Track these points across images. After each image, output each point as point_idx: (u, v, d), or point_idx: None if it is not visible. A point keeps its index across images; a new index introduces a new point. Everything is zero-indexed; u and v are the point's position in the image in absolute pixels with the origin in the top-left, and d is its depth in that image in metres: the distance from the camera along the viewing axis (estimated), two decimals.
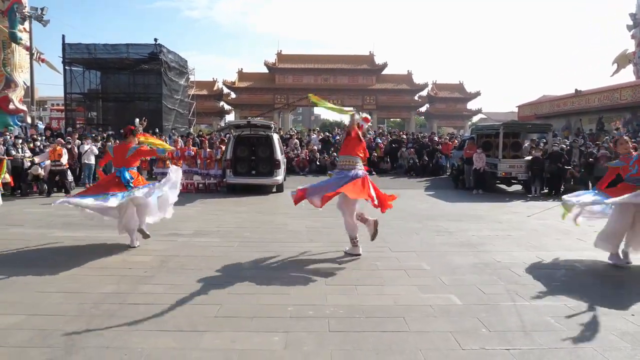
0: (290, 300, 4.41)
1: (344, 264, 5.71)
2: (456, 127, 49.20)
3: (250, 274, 5.25)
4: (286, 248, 6.53)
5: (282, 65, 47.60)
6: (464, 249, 6.63)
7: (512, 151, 14.76)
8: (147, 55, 24.82)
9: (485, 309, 4.25)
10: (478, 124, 25.43)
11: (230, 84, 47.00)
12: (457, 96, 49.94)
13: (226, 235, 7.44)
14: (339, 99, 48.39)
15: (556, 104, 31.10)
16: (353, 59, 49.16)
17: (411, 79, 49.05)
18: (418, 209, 10.33)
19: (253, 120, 14.46)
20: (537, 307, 4.28)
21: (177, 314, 4.06)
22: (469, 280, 5.10)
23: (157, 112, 25.21)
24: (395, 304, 4.36)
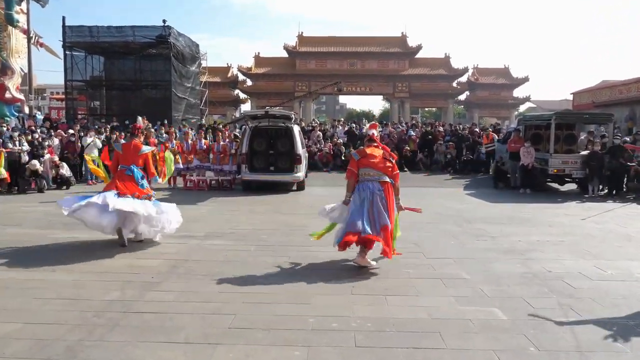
0: (311, 311, 4.41)
1: (372, 272, 5.69)
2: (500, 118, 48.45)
3: (268, 281, 5.28)
4: (307, 253, 6.54)
5: (304, 49, 47.69)
6: (509, 256, 6.52)
7: (566, 145, 14.44)
8: (154, 39, 25.18)
9: (533, 325, 4.17)
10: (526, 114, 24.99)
11: (246, 70, 47.35)
12: (502, 82, 49.17)
13: (241, 238, 7.50)
14: (367, 85, 48.38)
15: (618, 90, 30.28)
16: (383, 41, 48.89)
17: (449, 63, 48.50)
18: (456, 210, 10.22)
19: (271, 110, 14.51)
20: (594, 325, 4.18)
21: (187, 325, 4.11)
22: (515, 291, 5.02)
23: (166, 101, 25.59)
24: (430, 317, 4.32)
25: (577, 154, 13.75)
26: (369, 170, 6.04)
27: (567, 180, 14.23)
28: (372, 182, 5.95)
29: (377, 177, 6.00)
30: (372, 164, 6.05)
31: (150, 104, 26.71)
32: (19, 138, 13.82)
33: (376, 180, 5.96)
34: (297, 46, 47.89)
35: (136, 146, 7.29)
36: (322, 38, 49.45)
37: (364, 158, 6.13)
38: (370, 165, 6.06)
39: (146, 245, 6.87)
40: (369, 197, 5.87)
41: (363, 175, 6.07)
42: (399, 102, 49.67)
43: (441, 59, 48.89)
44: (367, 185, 5.95)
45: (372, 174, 6.01)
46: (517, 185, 14.11)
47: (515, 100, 50.14)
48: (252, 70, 47.56)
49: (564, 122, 14.40)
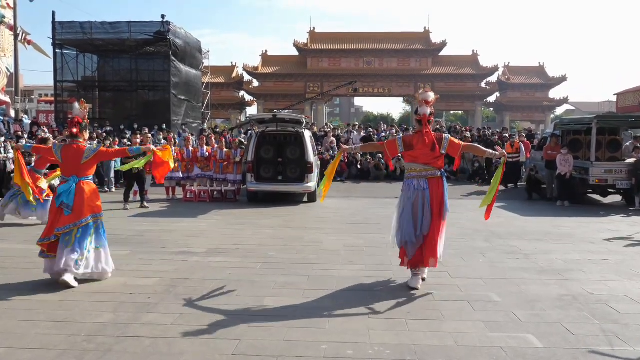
0: (324, 337, 4.41)
1: (391, 293, 5.67)
2: (534, 122, 48.30)
3: (276, 303, 5.29)
4: (320, 271, 6.55)
5: (316, 46, 47.99)
6: (545, 276, 6.46)
7: (609, 152, 14.31)
8: (152, 36, 25.47)
9: (573, 354, 4.12)
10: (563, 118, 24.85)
11: (252, 70, 47.72)
12: (536, 82, 49.03)
13: (247, 254, 7.53)
14: (386, 86, 48.50)
15: None
16: (403, 37, 49.05)
17: (477, 61, 48.49)
18: (485, 224, 10.14)
19: (280, 113, 14.58)
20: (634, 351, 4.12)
21: (187, 350, 4.13)
22: (552, 316, 4.97)
23: (165, 104, 25.85)
24: (456, 344, 4.30)
25: (622, 162, 13.62)
26: (414, 165, 5.83)
27: (610, 192, 14.07)
28: (418, 179, 5.77)
29: (425, 172, 5.77)
30: (418, 157, 5.79)
31: (147, 107, 27.02)
32: (4, 144, 14.02)
33: (423, 176, 5.76)
34: (308, 43, 48.20)
35: (78, 150, 6.08)
36: (336, 34, 49.74)
37: (409, 151, 5.85)
38: (416, 159, 5.81)
39: (141, 263, 6.92)
40: (411, 197, 5.75)
41: (408, 171, 5.90)
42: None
43: (468, 56, 48.90)
44: (413, 182, 5.79)
45: (419, 170, 5.79)
46: (554, 197, 14.00)
47: (551, 102, 49.91)
48: (259, 70, 47.91)
49: (606, 126, 14.28)
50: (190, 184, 14.18)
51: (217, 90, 44.29)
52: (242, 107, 51.14)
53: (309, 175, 13.07)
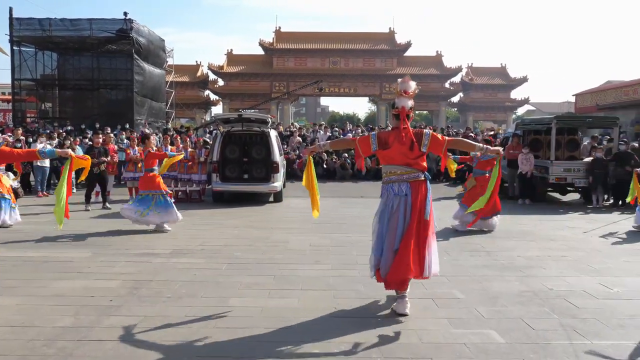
0: (290, 336, 4.41)
1: (357, 292, 5.71)
2: (497, 121, 49.25)
3: (243, 303, 5.26)
4: (286, 271, 6.54)
5: (282, 46, 47.92)
6: (507, 273, 6.60)
7: (568, 151, 14.71)
8: (114, 33, 25.07)
9: (533, 348, 4.22)
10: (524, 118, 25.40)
11: (217, 69, 47.36)
12: (499, 83, 50.04)
13: (212, 255, 7.47)
14: (352, 86, 48.73)
15: (624, 91, 31.00)
16: (369, 37, 49.41)
17: (441, 61, 49.19)
18: (447, 222, 10.30)
19: (245, 113, 14.52)
20: (600, 348, 4.25)
21: (150, 353, 4.07)
22: (513, 312, 5.07)
23: (127, 103, 25.46)
24: (420, 341, 4.35)
25: (580, 161, 14.01)
26: (393, 167, 5.06)
27: (569, 190, 14.47)
28: (398, 183, 5.00)
29: (406, 175, 5.01)
30: (395, 157, 5.03)
31: (109, 106, 26.56)
32: None
33: (404, 180, 4.99)
34: (274, 42, 48.10)
35: None
36: (302, 34, 49.76)
37: (385, 150, 5.07)
38: (393, 160, 5.05)
39: (104, 266, 6.79)
40: (393, 206, 4.98)
41: (387, 174, 5.12)
42: (387, 105, 50.01)
43: (432, 57, 49.57)
44: (392, 187, 5.03)
45: (399, 172, 5.02)
46: (516, 195, 14.30)
47: (513, 103, 51.04)
48: (224, 69, 47.58)
49: (565, 126, 14.69)
50: None
51: (181, 89, 43.83)
52: (207, 107, 50.71)
53: (275, 175, 13.06)
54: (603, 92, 33.84)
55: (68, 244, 8.08)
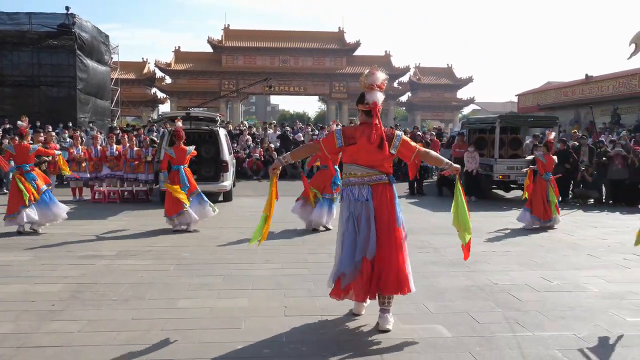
0: (240, 337, 4.37)
1: (308, 290, 5.71)
2: (444, 120, 50.32)
3: (191, 305, 5.18)
4: (235, 271, 6.49)
5: (231, 44, 47.48)
6: (454, 268, 6.75)
7: (511, 149, 15.17)
8: (55, 28, 24.26)
9: (479, 341, 4.33)
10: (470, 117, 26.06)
11: (164, 66, 46.51)
12: (445, 82, 51.13)
13: (159, 256, 7.33)
14: (302, 85, 48.77)
15: (563, 92, 32.27)
16: (318, 36, 49.57)
17: (389, 61, 49.84)
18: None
19: (194, 111, 14.32)
20: (541, 339, 4.40)
21: (95, 359, 3.95)
22: (460, 306, 5.19)
23: (70, 101, 24.67)
24: (370, 338, 4.39)
25: (523, 159, 14.47)
26: (354, 167, 4.55)
27: (512, 187, 14.93)
28: (359, 186, 4.53)
29: (368, 177, 4.53)
30: (361, 156, 4.51)
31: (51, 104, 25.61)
32: None
33: (365, 183, 4.52)
34: (222, 40, 47.61)
35: None
36: (251, 32, 49.44)
37: (350, 146, 4.52)
38: (358, 159, 4.53)
39: (45, 269, 6.56)
40: (355, 213, 4.52)
41: (346, 175, 4.63)
42: (337, 104, 50.43)
43: (381, 56, 50.15)
44: (353, 191, 4.55)
45: (360, 174, 4.53)
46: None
47: (459, 102, 52.28)
48: (171, 67, 46.77)
49: (508, 125, 15.15)
50: (99, 184, 13.62)
51: (127, 86, 42.78)
52: (154, 105, 49.70)
53: (224, 174, 12.92)
54: (544, 93, 35.12)
55: (6, 247, 7.76)
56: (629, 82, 26.44)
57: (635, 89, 25.91)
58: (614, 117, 26.82)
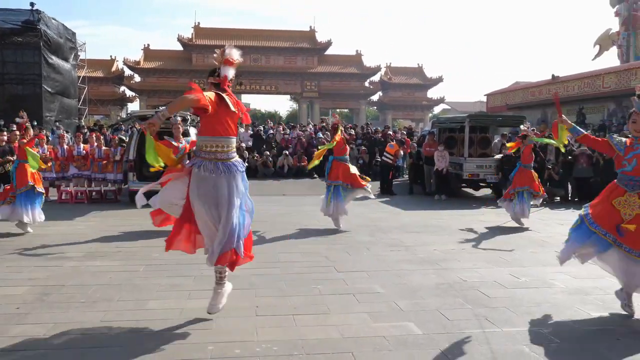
0: (210, 337, 4.34)
1: (279, 289, 5.71)
2: (415, 120, 50.77)
3: (161, 306, 5.13)
4: (206, 271, 6.39)
5: (201, 42, 47.09)
6: (425, 266, 6.82)
7: (480, 148, 15.40)
8: (20, 25, 23.67)
9: (449, 338, 4.39)
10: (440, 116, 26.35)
11: (133, 64, 45.90)
12: (416, 82, 51.56)
13: (129, 257, 7.23)
14: (273, 84, 48.65)
15: (530, 92, 32.85)
16: (290, 35, 49.52)
17: (361, 60, 50.07)
18: (369, 219, 10.53)
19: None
20: (509, 335, 4.48)
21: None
22: (431, 304, 5.25)
23: (35, 99, 24.08)
24: (342, 336, 4.41)
25: (491, 158, 14.70)
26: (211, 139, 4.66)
27: (481, 185, 15.16)
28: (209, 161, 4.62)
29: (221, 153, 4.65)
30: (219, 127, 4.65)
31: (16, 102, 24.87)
32: None
33: (217, 160, 4.63)
34: (193, 38, 47.22)
35: None
36: (222, 30, 49.12)
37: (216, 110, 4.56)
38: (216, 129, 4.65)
39: (10, 271, 6.40)
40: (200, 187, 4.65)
41: (200, 148, 4.72)
42: (308, 103, 50.46)
43: (352, 56, 50.36)
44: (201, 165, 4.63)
45: (214, 148, 4.64)
46: (432, 191, 14.80)
47: (429, 102, 52.78)
48: (140, 65, 46.17)
49: (477, 124, 15.35)
50: (66, 184, 13.36)
51: (95, 85, 42.03)
52: (123, 103, 48.93)
53: None
54: (512, 92, 35.70)
55: None
56: (593, 83, 27.07)
57: (599, 89, 26.55)
58: (580, 117, 27.42)
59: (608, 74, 26.51)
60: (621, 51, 35.03)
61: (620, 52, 35.31)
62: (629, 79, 24.55)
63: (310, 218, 10.75)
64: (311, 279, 6.08)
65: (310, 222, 10.30)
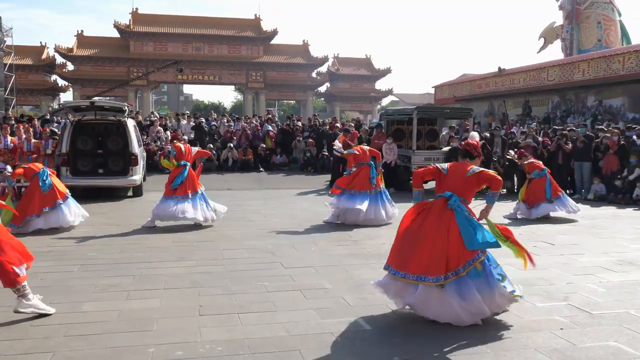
0: (151, 339, 4.27)
1: (224, 288, 5.66)
2: (363, 112, 51.15)
3: (98, 308, 5.00)
4: (146, 270, 6.32)
5: (139, 29, 45.94)
6: (373, 260, 6.90)
7: (428, 141, 15.68)
8: None
9: (398, 332, 4.47)
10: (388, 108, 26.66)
11: (66, 52, 44.29)
12: (364, 73, 51.95)
13: (62, 256, 7.01)
14: (217, 74, 48.06)
15: (477, 84, 33.70)
16: (234, 23, 49.00)
17: (308, 51, 50.07)
18: (316, 213, 10.56)
19: (99, 100, 13.76)
20: (457, 328, 4.57)
21: None
22: (380, 299, 5.30)
23: None
24: (289, 334, 4.42)
25: (439, 150, 14.99)
26: None
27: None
28: None
29: None
30: None
31: None
32: None
33: None
34: (130, 25, 45.96)
35: None
36: (162, 16, 48.05)
37: None
38: None
39: None
40: None
41: None
42: (253, 94, 50.10)
43: (299, 46, 50.28)
44: None
45: None
46: None
47: (377, 93, 53.30)
48: (74, 52, 44.59)
49: (425, 116, 15.62)
50: None
51: (23, 73, 40.36)
52: (54, 93, 47.16)
53: (134, 167, 12.52)
54: (459, 85, 36.54)
55: None
56: (538, 75, 28.02)
57: (544, 82, 27.51)
58: (525, 109, 28.36)
59: (552, 67, 27.50)
60: (565, 44, 36.39)
61: (564, 46, 36.67)
62: (572, 72, 25.57)
63: (257, 213, 10.70)
64: (257, 276, 6.06)
65: (257, 217, 10.25)
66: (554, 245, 8.01)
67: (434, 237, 4.65)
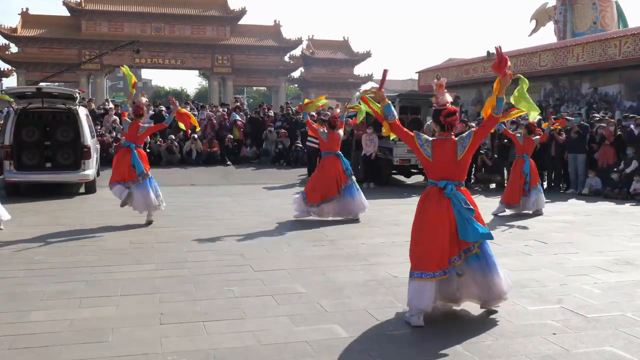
0: (106, 351, 4.23)
1: (187, 294, 5.64)
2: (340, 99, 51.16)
3: (45, 317, 4.94)
4: (101, 275, 6.26)
5: (92, 7, 45.37)
6: (351, 262, 6.94)
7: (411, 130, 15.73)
8: None
9: (377, 340, 4.50)
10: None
11: (9, 32, 43.58)
12: (341, 57, 52.07)
13: (5, 260, 6.90)
14: (179, 57, 47.71)
15: (464, 69, 33.97)
16: (198, 1, 48.64)
17: (279, 32, 49.98)
18: (289, 211, 10.55)
19: (47, 86, 13.55)
20: (441, 335, 4.64)
21: None
22: (357, 303, 5.35)
23: None
24: (259, 343, 4.42)
25: None
26: None
27: (413, 172, 15.56)
28: None
29: None
30: None
31: None
32: None
33: None
34: (82, 3, 45.29)
35: None
36: None
37: None
38: None
39: None
40: None
41: None
42: (220, 79, 49.83)
43: (270, 27, 50.16)
44: None
45: None
46: (360, 178, 15.02)
47: (356, 79, 53.47)
48: (18, 32, 43.84)
49: (408, 104, 15.70)
50: None
51: None
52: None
53: (86, 161, 12.38)
54: (445, 70, 36.74)
55: None
56: (530, 60, 28.33)
57: (536, 68, 27.82)
58: None
59: (544, 51, 27.81)
60: (558, 27, 36.83)
61: (557, 28, 37.11)
62: (566, 57, 25.89)
63: (224, 211, 10.67)
64: (224, 280, 6.04)
65: (224, 215, 10.22)
66: (546, 244, 8.13)
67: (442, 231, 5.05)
